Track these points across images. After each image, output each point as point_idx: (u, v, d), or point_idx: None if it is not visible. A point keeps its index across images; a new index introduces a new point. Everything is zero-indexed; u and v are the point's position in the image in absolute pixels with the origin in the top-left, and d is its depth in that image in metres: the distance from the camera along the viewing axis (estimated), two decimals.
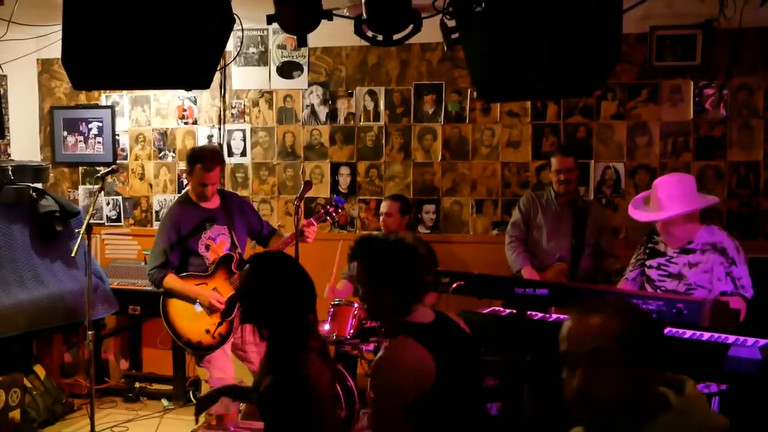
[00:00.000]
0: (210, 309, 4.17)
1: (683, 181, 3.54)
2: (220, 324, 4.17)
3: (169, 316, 4.22)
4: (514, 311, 3.45)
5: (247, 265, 2.65)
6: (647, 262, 3.66)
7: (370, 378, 2.40)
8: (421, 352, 2.31)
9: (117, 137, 6.05)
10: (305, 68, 5.63)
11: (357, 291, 2.57)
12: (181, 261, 4.26)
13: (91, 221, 4.43)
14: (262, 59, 5.69)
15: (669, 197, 3.43)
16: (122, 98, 6.03)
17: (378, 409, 2.36)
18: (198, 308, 4.19)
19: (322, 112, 5.62)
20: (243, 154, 5.78)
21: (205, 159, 4.22)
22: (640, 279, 3.72)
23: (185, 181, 5.90)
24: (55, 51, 5.24)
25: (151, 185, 6.02)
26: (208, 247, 4.26)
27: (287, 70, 5.67)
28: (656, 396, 1.61)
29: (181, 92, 5.64)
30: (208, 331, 4.18)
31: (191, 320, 4.19)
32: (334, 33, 4.17)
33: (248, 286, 2.59)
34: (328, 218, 4.48)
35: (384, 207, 5.02)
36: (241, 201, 4.56)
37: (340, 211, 4.46)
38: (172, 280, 4.18)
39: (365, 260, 2.50)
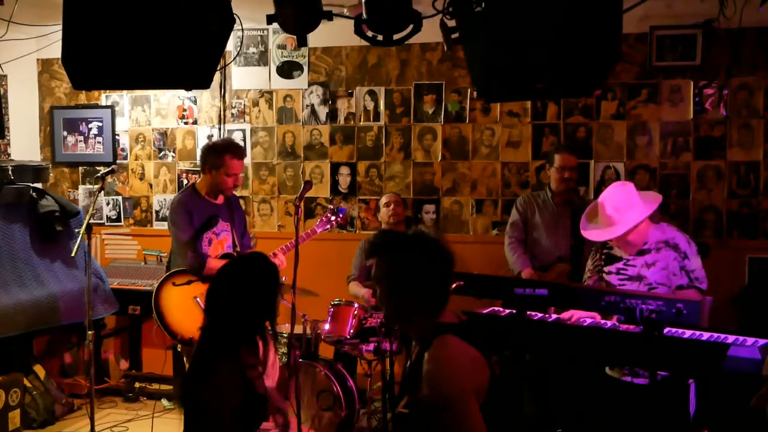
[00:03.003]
0: None
1: (626, 191, 3.50)
2: None
3: (161, 311, 4.19)
4: (514, 311, 3.45)
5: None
6: (605, 268, 3.64)
7: (424, 395, 2.13)
8: (470, 348, 2.13)
9: (117, 137, 6.05)
10: (305, 68, 5.63)
11: (374, 292, 2.29)
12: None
13: (91, 221, 4.42)
14: (262, 59, 5.69)
15: (617, 210, 3.41)
16: (122, 98, 6.03)
17: (451, 423, 2.05)
18: (201, 303, 4.17)
19: (322, 112, 5.62)
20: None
21: (233, 148, 4.22)
22: (599, 285, 3.71)
23: (185, 181, 5.90)
24: (55, 51, 5.25)
25: (151, 185, 6.02)
26: (210, 242, 4.23)
27: (287, 70, 5.67)
28: None
29: (181, 92, 5.64)
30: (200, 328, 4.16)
31: (185, 316, 4.16)
32: (334, 33, 4.18)
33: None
34: (329, 226, 4.54)
35: (390, 198, 5.07)
36: (237, 201, 4.58)
37: (338, 218, 4.57)
38: (214, 263, 4.08)
39: (387, 257, 2.24)
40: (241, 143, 5.76)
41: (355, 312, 4.37)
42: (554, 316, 3.65)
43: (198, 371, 2.52)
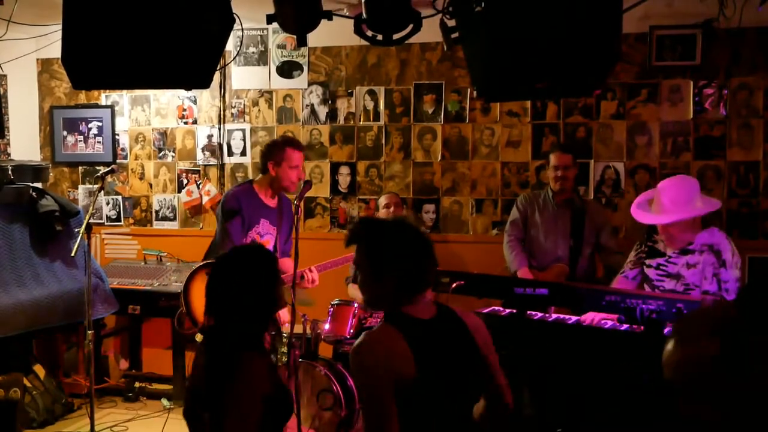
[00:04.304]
0: None
1: (687, 185, 3.56)
2: None
3: (189, 298, 4.19)
4: (514, 311, 3.45)
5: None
6: (646, 261, 3.67)
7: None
8: (398, 342, 2.18)
9: (117, 137, 6.05)
10: (305, 68, 5.63)
11: (356, 277, 2.43)
12: None
13: (91, 221, 4.42)
14: (262, 59, 5.69)
15: (672, 202, 3.45)
16: (122, 98, 6.03)
17: (360, 394, 2.23)
18: None
19: (322, 111, 5.62)
20: (243, 153, 5.78)
21: (292, 141, 4.31)
22: (640, 277, 3.73)
23: (185, 181, 5.90)
24: (55, 51, 5.25)
25: (150, 185, 6.02)
26: (253, 242, 4.21)
27: (287, 69, 5.67)
28: None
29: (181, 92, 5.64)
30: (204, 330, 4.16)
31: None
32: (333, 33, 4.17)
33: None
34: None
35: (389, 199, 5.05)
36: (290, 207, 4.46)
37: None
38: None
39: (366, 243, 2.31)
40: (241, 143, 5.77)
41: (355, 312, 4.37)
42: (554, 315, 3.65)
43: (217, 372, 2.46)
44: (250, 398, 2.35)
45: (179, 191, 5.93)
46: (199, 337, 4.30)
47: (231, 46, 5.29)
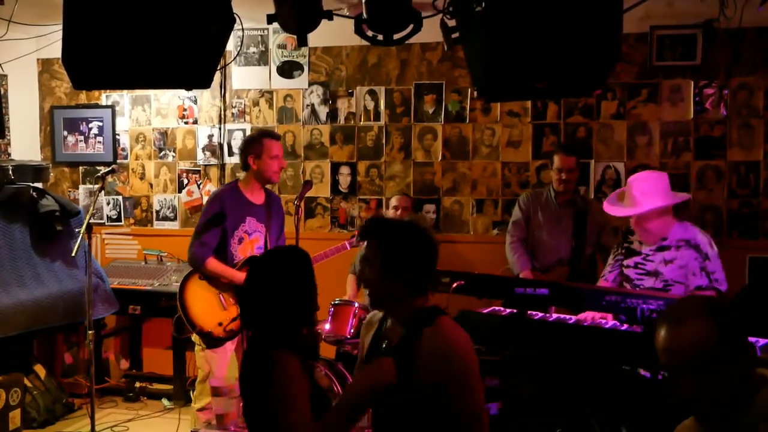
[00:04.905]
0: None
1: (656, 177, 3.60)
2: (234, 319, 4.14)
3: (185, 302, 4.20)
4: (514, 311, 3.45)
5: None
6: (624, 262, 3.69)
7: (433, 371, 2.21)
8: (463, 333, 2.30)
9: (117, 137, 6.05)
10: (305, 68, 5.63)
11: (363, 274, 2.39)
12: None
13: (92, 221, 4.43)
14: (263, 59, 5.70)
15: (642, 193, 3.49)
16: (122, 98, 6.03)
17: (460, 394, 2.20)
18: (223, 301, 4.18)
19: (323, 111, 5.62)
20: None
21: (268, 132, 4.35)
22: (619, 279, 3.74)
23: (185, 181, 5.90)
24: (55, 51, 5.25)
25: (151, 185, 6.02)
26: (241, 240, 4.20)
27: (287, 69, 5.67)
28: (756, 377, 1.71)
29: (182, 92, 5.64)
30: (220, 324, 4.14)
31: (206, 309, 4.15)
32: (334, 33, 4.17)
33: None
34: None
35: (400, 201, 5.04)
36: (280, 204, 4.51)
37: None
38: (215, 264, 4.11)
39: (380, 238, 2.35)
40: None
41: (356, 311, 4.37)
42: (555, 315, 3.65)
43: (250, 369, 2.43)
44: (298, 396, 2.29)
45: (180, 191, 5.93)
46: (194, 338, 4.32)
47: (231, 46, 5.29)
